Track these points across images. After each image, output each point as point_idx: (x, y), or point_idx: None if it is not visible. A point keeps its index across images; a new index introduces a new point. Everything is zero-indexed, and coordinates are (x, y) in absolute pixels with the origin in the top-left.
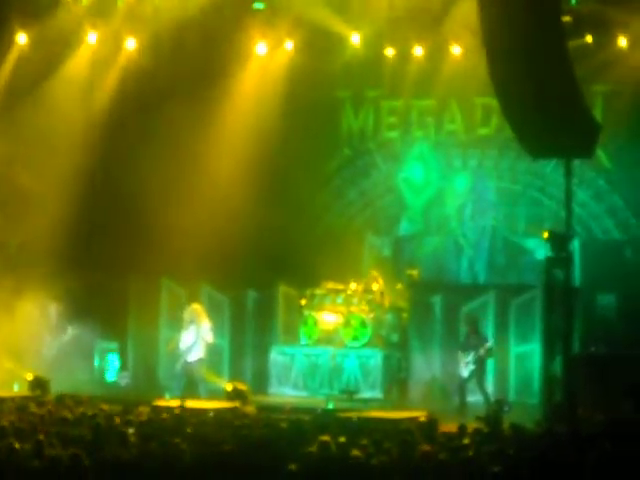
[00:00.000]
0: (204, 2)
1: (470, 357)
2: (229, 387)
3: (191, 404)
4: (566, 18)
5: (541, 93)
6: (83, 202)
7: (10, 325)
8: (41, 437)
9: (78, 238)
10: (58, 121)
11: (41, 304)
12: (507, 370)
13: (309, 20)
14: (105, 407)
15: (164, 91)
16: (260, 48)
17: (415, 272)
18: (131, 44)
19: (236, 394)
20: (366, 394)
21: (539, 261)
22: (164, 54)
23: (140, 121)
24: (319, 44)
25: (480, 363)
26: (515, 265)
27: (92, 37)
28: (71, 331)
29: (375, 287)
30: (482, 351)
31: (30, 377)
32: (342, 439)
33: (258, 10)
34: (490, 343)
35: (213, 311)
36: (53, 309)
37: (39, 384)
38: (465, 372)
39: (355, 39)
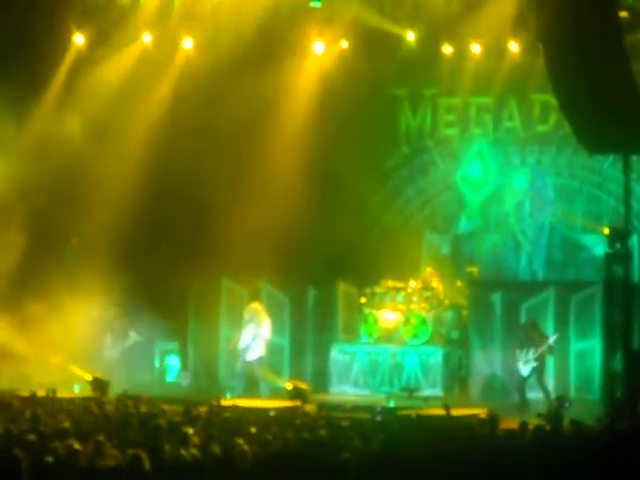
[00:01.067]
0: (261, 1)
1: (530, 354)
2: (290, 386)
3: (252, 403)
4: (623, 13)
5: (598, 88)
6: (143, 203)
7: (69, 326)
8: (101, 438)
9: (137, 238)
10: (117, 121)
11: (100, 305)
12: (567, 367)
13: (365, 18)
14: (166, 407)
15: (221, 91)
16: (317, 47)
17: (475, 269)
18: (188, 44)
19: (297, 393)
20: (426, 392)
21: (597, 257)
22: (221, 53)
23: (199, 121)
24: (375, 42)
25: (541, 360)
26: (573, 261)
27: (147, 37)
28: (135, 337)
29: (435, 284)
30: (545, 348)
31: (90, 378)
32: (403, 437)
33: (315, 8)
34: (552, 340)
35: (273, 310)
36: (112, 310)
37: (99, 385)
38: (525, 370)
39: (410, 37)
